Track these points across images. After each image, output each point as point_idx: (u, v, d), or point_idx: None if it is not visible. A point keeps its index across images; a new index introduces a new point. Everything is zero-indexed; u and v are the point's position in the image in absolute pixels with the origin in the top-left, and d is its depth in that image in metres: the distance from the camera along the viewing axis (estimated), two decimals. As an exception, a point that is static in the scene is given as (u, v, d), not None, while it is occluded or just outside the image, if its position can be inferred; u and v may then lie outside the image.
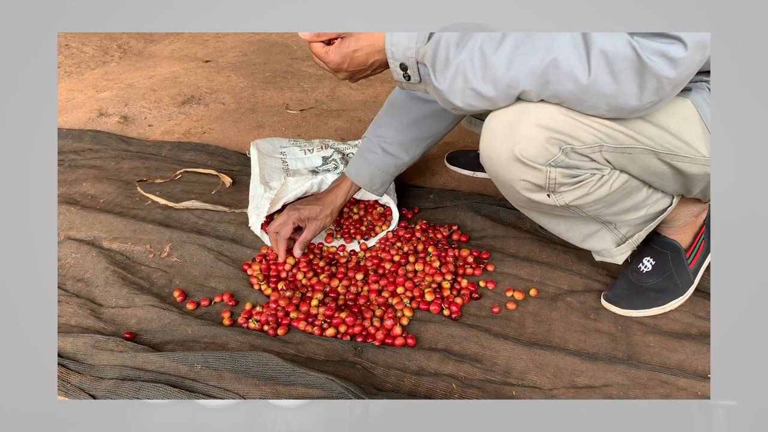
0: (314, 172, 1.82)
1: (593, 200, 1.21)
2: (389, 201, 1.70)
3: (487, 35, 1.05)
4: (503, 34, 1.04)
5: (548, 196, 1.19)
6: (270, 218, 1.69)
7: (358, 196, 1.70)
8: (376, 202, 1.76)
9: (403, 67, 1.14)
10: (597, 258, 1.41)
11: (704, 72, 1.14)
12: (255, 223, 1.63)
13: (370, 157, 1.57)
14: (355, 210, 1.76)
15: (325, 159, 1.86)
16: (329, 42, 1.18)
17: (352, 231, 1.69)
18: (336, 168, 1.81)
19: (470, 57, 1.05)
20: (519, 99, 1.10)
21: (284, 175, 1.78)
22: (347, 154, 1.94)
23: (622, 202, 1.25)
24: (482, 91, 1.07)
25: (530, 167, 1.13)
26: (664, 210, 1.30)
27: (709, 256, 1.42)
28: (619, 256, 1.37)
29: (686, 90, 1.12)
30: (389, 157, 1.57)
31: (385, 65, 1.18)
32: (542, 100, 1.08)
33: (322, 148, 1.91)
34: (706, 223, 1.40)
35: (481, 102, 1.10)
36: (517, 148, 1.12)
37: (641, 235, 1.34)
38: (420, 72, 1.14)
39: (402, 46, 1.12)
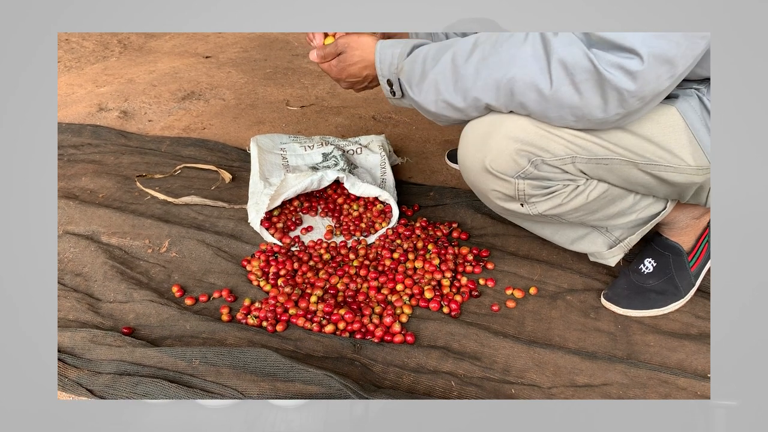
0: (314, 168, 1.81)
1: (570, 209, 1.21)
2: (389, 198, 1.70)
3: (459, 46, 1.08)
4: (474, 43, 1.07)
5: (521, 205, 1.20)
6: (269, 214, 1.69)
7: (358, 192, 1.70)
8: (376, 199, 1.76)
9: (390, 83, 1.19)
10: (591, 258, 1.41)
11: (693, 80, 1.13)
12: (254, 219, 1.63)
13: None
14: (354, 207, 1.76)
15: (325, 156, 1.86)
16: (327, 36, 1.27)
17: (351, 228, 1.68)
18: (336, 165, 1.80)
19: (443, 69, 1.09)
20: (490, 110, 1.12)
21: (284, 172, 1.78)
22: (347, 151, 1.93)
23: (606, 209, 1.24)
24: (453, 102, 1.10)
25: (500, 178, 1.15)
26: (658, 214, 1.29)
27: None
28: (612, 258, 1.36)
29: (672, 97, 1.11)
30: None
31: (378, 79, 1.23)
32: (512, 112, 1.09)
33: (322, 144, 1.91)
34: (710, 225, 1.39)
35: (453, 113, 1.13)
36: (487, 159, 1.14)
37: (634, 239, 1.34)
38: (402, 87, 1.17)
39: (387, 63, 1.18)
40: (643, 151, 1.11)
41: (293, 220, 1.72)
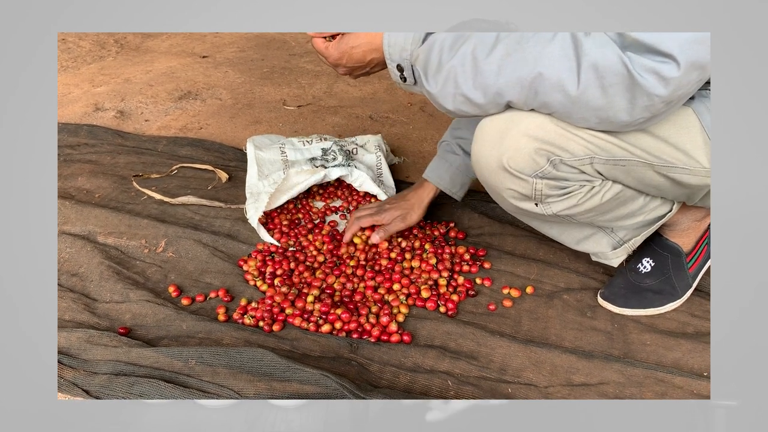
0: (313, 159, 1.82)
1: (583, 210, 1.20)
2: (380, 195, 1.71)
3: (480, 39, 1.04)
4: (496, 37, 1.03)
5: (536, 205, 1.19)
6: (272, 213, 1.70)
7: (362, 188, 1.76)
8: (371, 196, 1.76)
9: (400, 69, 1.15)
10: (593, 258, 1.40)
11: (709, 82, 1.13)
12: (252, 216, 1.62)
13: (450, 159, 1.59)
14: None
15: (324, 151, 1.87)
16: (332, 37, 1.20)
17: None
18: (335, 159, 1.81)
19: (462, 62, 1.05)
20: (510, 107, 1.09)
21: (284, 167, 1.78)
22: (346, 150, 1.93)
23: (617, 210, 1.23)
24: (472, 97, 1.07)
25: (517, 177, 1.13)
26: (664, 216, 1.29)
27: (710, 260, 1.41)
28: (615, 259, 1.36)
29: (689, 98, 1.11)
30: (469, 157, 1.54)
31: (382, 64, 1.19)
32: (533, 110, 1.07)
33: (321, 140, 1.92)
34: (710, 228, 1.39)
35: (471, 108, 1.10)
36: (504, 157, 1.11)
37: (638, 240, 1.33)
38: (415, 74, 1.14)
39: (398, 47, 1.13)
40: (659, 153, 1.10)
41: (291, 219, 1.72)
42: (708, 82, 1.13)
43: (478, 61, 1.04)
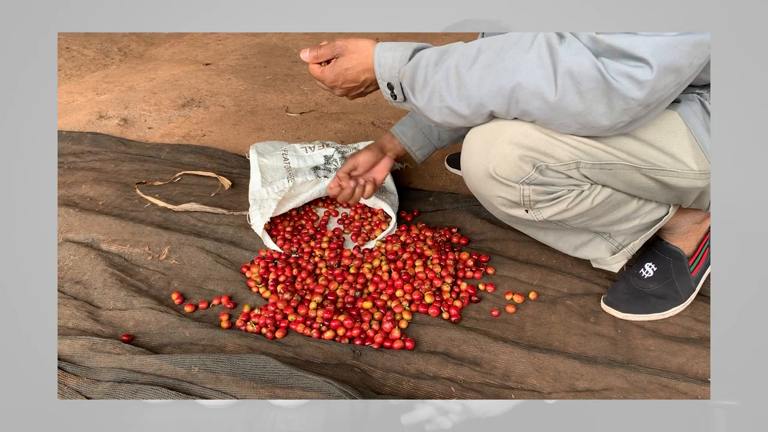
0: (316, 168, 1.82)
1: (575, 215, 1.20)
2: (385, 206, 1.70)
3: (463, 53, 1.07)
4: (478, 49, 1.06)
5: (526, 211, 1.20)
6: (276, 220, 1.69)
7: (368, 203, 1.74)
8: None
9: (390, 87, 1.18)
10: (594, 264, 1.40)
11: (696, 86, 1.13)
12: (259, 223, 1.62)
13: (417, 118, 1.61)
14: (357, 216, 1.76)
15: (327, 158, 1.87)
16: (327, 62, 1.24)
17: (351, 237, 1.68)
18: (336, 169, 1.81)
19: (446, 76, 1.08)
20: (494, 117, 1.11)
21: (287, 174, 1.78)
22: (347, 157, 1.94)
23: (610, 214, 1.24)
24: (456, 108, 1.10)
25: (504, 185, 1.15)
26: (660, 219, 1.29)
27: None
28: (615, 264, 1.36)
29: (674, 102, 1.11)
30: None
31: (375, 84, 1.23)
32: (516, 118, 1.09)
33: (323, 146, 1.92)
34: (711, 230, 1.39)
35: (456, 119, 1.12)
36: (491, 165, 1.14)
37: (637, 244, 1.33)
38: (404, 91, 1.17)
39: (387, 67, 1.16)
40: (646, 156, 1.11)
41: (294, 225, 1.72)
42: (702, 86, 1.13)
43: (461, 74, 1.06)
